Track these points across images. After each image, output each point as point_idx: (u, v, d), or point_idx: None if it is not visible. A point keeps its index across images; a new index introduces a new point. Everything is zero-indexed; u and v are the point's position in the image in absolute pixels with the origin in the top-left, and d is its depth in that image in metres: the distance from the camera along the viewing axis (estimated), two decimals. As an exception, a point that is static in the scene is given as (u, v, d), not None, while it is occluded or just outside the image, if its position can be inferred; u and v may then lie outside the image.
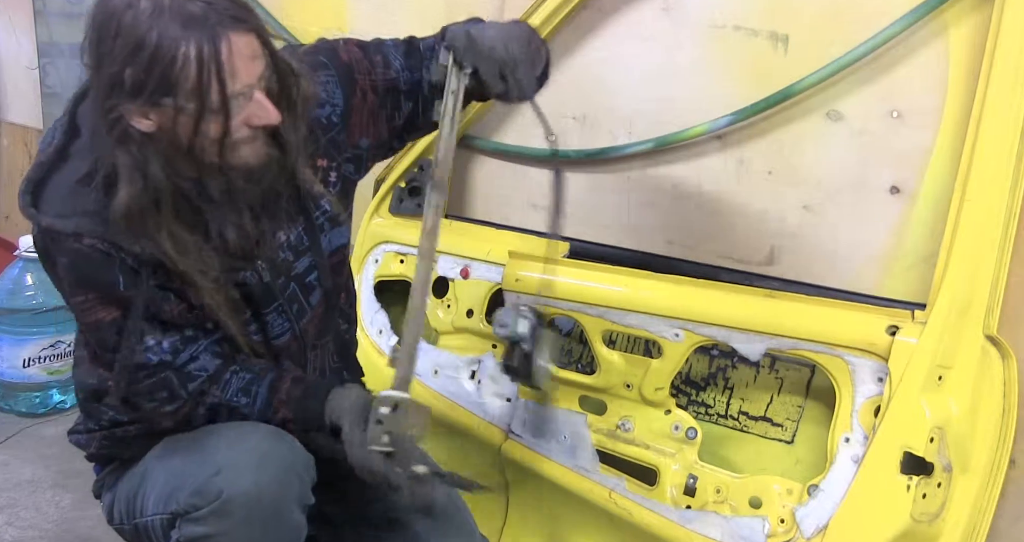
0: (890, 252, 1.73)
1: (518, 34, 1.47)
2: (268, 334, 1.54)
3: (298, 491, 1.43)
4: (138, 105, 1.28)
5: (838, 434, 1.65)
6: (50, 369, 2.94)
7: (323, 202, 1.54)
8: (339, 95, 1.53)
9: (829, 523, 1.61)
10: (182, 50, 1.24)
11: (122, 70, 1.26)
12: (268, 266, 1.50)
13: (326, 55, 1.54)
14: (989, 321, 1.61)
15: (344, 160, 1.57)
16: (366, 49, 1.57)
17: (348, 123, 1.55)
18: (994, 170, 1.56)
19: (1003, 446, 1.63)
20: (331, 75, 1.52)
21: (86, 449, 1.65)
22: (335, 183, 1.56)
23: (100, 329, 1.45)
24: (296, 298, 1.55)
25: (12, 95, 3.83)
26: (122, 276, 1.40)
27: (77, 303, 1.45)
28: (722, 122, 1.86)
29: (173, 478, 1.45)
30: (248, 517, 1.38)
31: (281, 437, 1.46)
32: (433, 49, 1.56)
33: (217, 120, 1.30)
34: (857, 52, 1.70)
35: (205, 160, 1.35)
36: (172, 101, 1.27)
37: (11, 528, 2.31)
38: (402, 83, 1.56)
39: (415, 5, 2.37)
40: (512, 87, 1.45)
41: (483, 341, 2.11)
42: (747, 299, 1.74)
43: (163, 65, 1.24)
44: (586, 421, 1.93)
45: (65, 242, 1.39)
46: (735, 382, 1.91)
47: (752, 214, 1.87)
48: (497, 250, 2.06)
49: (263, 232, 1.47)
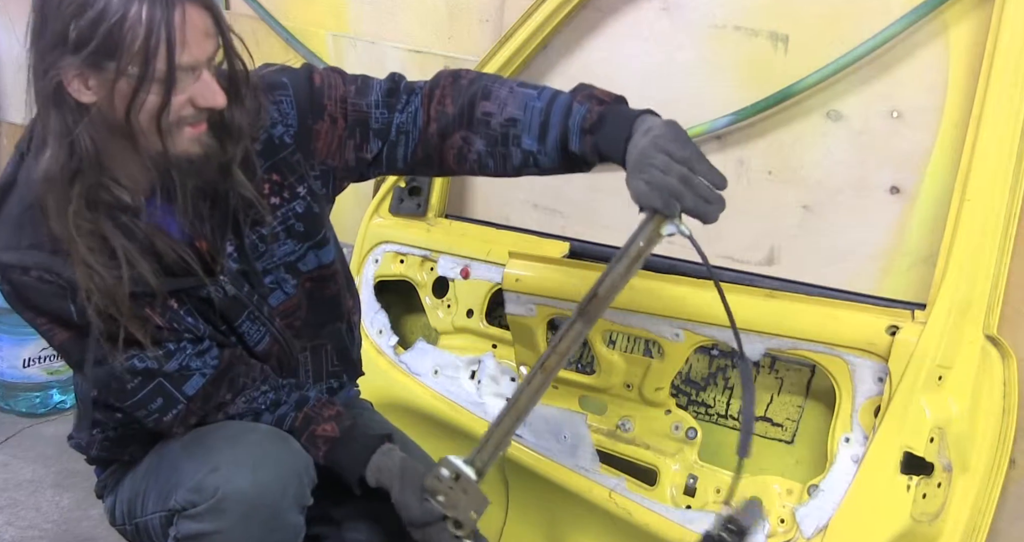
0: (890, 252, 1.73)
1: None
2: (247, 342, 1.53)
3: (296, 491, 1.42)
4: (78, 66, 1.24)
5: (838, 434, 1.65)
6: (50, 369, 2.93)
7: (278, 213, 1.50)
8: (293, 116, 1.48)
9: (829, 523, 1.61)
10: (133, 10, 1.20)
11: (67, 26, 1.22)
12: (230, 278, 1.47)
13: (290, 76, 1.50)
14: (989, 321, 1.61)
15: (311, 176, 1.52)
16: (344, 76, 1.53)
17: (309, 145, 1.50)
18: (994, 170, 1.56)
19: (1003, 446, 1.63)
20: (286, 94, 1.48)
21: (87, 452, 1.65)
22: (302, 197, 1.52)
23: (67, 350, 1.45)
24: (261, 305, 1.52)
25: (12, 95, 3.83)
26: (74, 306, 1.37)
27: (38, 326, 1.43)
28: (722, 122, 1.86)
29: (172, 475, 1.45)
30: (245, 515, 1.37)
31: (281, 437, 1.46)
32: (414, 92, 1.50)
33: (158, 92, 1.25)
34: (857, 52, 1.70)
35: (140, 141, 1.29)
36: (115, 65, 1.23)
37: (11, 528, 2.31)
38: (372, 120, 1.50)
39: (415, 5, 2.37)
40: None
41: (483, 341, 2.11)
42: (747, 299, 1.74)
43: (111, 23, 1.21)
44: (586, 421, 1.93)
45: (12, 274, 1.37)
46: (735, 382, 1.91)
47: (752, 214, 1.87)
48: (497, 250, 2.06)
49: (208, 241, 1.44)
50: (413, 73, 2.33)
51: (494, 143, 1.45)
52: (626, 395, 1.89)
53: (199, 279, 1.43)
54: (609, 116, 1.37)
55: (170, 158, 1.32)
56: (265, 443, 1.43)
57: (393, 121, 1.50)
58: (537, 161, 1.46)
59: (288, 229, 1.52)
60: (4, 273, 1.38)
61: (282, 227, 1.52)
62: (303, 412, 1.53)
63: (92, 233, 1.32)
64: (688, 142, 1.30)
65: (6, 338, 2.91)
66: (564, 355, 1.36)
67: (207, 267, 1.44)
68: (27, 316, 1.43)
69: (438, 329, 2.18)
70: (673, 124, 1.32)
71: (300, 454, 1.46)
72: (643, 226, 1.31)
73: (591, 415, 1.94)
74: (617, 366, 1.89)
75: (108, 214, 1.34)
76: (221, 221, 1.45)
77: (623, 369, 1.89)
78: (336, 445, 1.51)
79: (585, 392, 1.96)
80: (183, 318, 1.45)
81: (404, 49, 2.37)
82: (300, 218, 1.52)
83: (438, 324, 2.18)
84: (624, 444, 1.89)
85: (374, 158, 1.52)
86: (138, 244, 1.36)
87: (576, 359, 2.08)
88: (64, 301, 1.37)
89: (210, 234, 1.44)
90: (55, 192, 1.29)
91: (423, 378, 2.14)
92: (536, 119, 1.42)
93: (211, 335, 1.49)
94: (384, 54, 2.41)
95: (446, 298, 2.16)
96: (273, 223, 1.50)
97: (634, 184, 1.29)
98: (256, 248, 1.49)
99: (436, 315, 2.18)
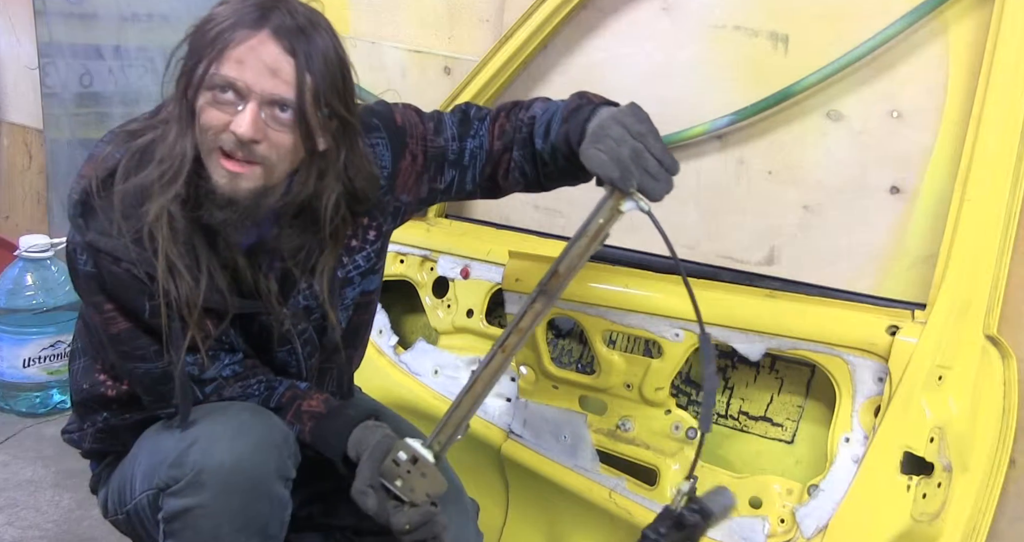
0: (890, 252, 1.73)
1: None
2: (274, 366, 1.56)
3: (276, 463, 1.41)
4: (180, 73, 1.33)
5: (838, 434, 1.65)
6: (50, 369, 2.94)
7: (357, 257, 1.56)
8: (388, 157, 1.54)
9: (829, 523, 1.61)
10: (227, 21, 1.29)
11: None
12: (291, 311, 1.50)
13: (380, 117, 1.55)
14: (989, 321, 1.61)
15: (386, 218, 1.58)
16: (421, 114, 1.60)
17: (394, 183, 1.56)
18: (994, 170, 1.56)
19: (1003, 446, 1.63)
20: (381, 137, 1.54)
21: (80, 446, 1.66)
22: (374, 240, 1.57)
23: (120, 339, 1.45)
24: (311, 341, 1.56)
25: (12, 95, 3.84)
26: (149, 304, 1.40)
27: (102, 311, 1.44)
28: (722, 122, 1.86)
29: (156, 454, 1.45)
30: (225, 487, 1.36)
31: (260, 411, 1.46)
32: (483, 119, 1.58)
33: (193, 95, 1.31)
34: (857, 52, 1.70)
35: (189, 140, 1.33)
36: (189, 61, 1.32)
37: (11, 528, 2.31)
38: (449, 152, 1.58)
39: (415, 5, 2.37)
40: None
41: (483, 341, 2.11)
42: (747, 299, 1.74)
43: (205, 23, 1.32)
44: (586, 421, 1.93)
45: (103, 260, 1.39)
46: (735, 382, 1.91)
47: (752, 214, 1.87)
48: (497, 250, 2.06)
49: (285, 274, 1.47)
50: (413, 73, 2.36)
51: (522, 147, 1.54)
52: (626, 395, 1.89)
53: (267, 307, 1.47)
54: (584, 105, 1.43)
55: (213, 193, 1.34)
56: (243, 415, 1.42)
57: (466, 148, 1.58)
58: (544, 161, 1.49)
59: (362, 273, 1.57)
60: (96, 258, 1.39)
61: (357, 271, 1.56)
62: (291, 391, 1.54)
63: (185, 241, 1.37)
64: (647, 120, 1.33)
65: (6, 338, 2.92)
66: (524, 333, 1.37)
67: (278, 298, 1.48)
68: (94, 299, 1.44)
69: (438, 329, 2.19)
70: (635, 105, 1.35)
71: (279, 427, 1.45)
72: (602, 203, 1.32)
73: (591, 415, 1.94)
74: (617, 366, 1.89)
75: (202, 225, 1.37)
76: (305, 256, 1.48)
77: (623, 369, 1.89)
78: (322, 421, 1.50)
79: (585, 392, 1.96)
80: (233, 336, 1.49)
81: (404, 49, 2.37)
82: (375, 258, 1.58)
83: (438, 324, 2.18)
84: (624, 444, 1.89)
85: (446, 187, 1.59)
86: (220, 259, 1.41)
87: (576, 359, 2.08)
88: (142, 297, 1.39)
89: (289, 263, 1.47)
90: (159, 193, 1.34)
91: (423, 378, 2.14)
92: (547, 118, 1.48)
93: (244, 351, 1.53)
94: (384, 54, 2.41)
95: (446, 298, 2.17)
96: (349, 267, 1.55)
97: (590, 153, 1.31)
98: (333, 291, 1.53)
99: (436, 315, 2.18)
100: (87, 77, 3.19)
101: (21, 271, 2.95)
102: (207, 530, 1.37)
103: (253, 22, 1.29)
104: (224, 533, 1.37)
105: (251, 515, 1.39)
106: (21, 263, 2.95)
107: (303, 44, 1.30)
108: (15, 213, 3.83)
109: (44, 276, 2.95)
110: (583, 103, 1.46)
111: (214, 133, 1.31)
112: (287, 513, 1.45)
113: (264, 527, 1.41)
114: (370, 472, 1.39)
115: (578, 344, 2.09)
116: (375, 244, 1.58)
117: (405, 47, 2.38)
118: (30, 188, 3.72)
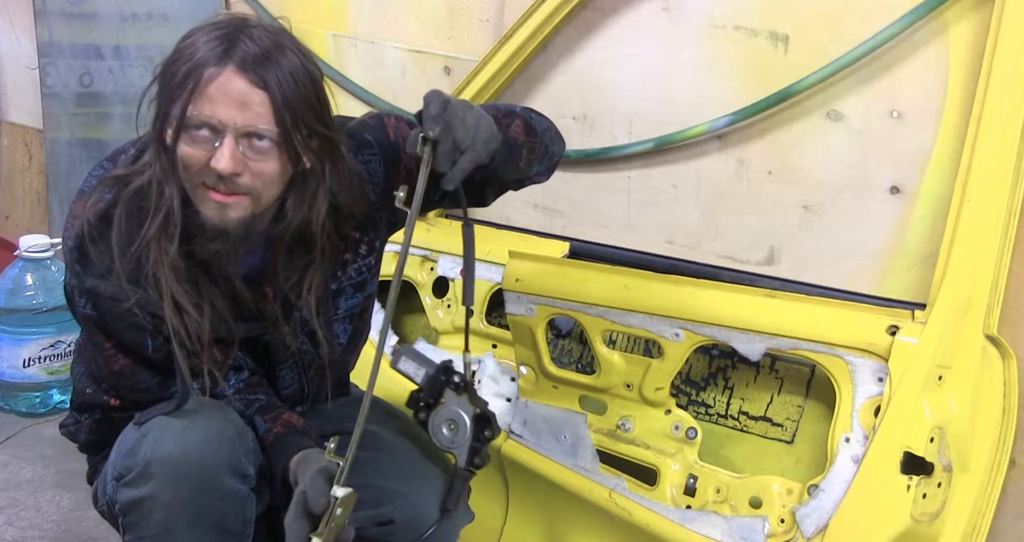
0: (890, 252, 1.73)
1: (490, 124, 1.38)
2: (277, 387, 1.58)
3: (229, 457, 1.39)
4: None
5: (838, 434, 1.65)
6: (50, 369, 2.93)
7: (350, 270, 1.56)
8: (381, 173, 1.54)
9: (829, 523, 1.61)
10: (194, 57, 1.29)
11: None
12: (292, 328, 1.52)
13: (373, 133, 1.55)
14: (989, 321, 1.61)
15: (379, 233, 1.59)
16: (413, 127, 1.57)
17: (387, 198, 1.54)
18: (994, 170, 1.56)
19: (1003, 446, 1.64)
20: (375, 153, 1.54)
21: (76, 438, 1.66)
22: (365, 255, 1.58)
23: (124, 374, 1.48)
24: (309, 353, 1.57)
25: (12, 95, 3.83)
26: (152, 342, 1.43)
27: (102, 349, 1.47)
28: (722, 122, 1.86)
29: (119, 445, 1.45)
30: (173, 479, 1.36)
31: (219, 406, 1.46)
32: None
33: (172, 136, 1.32)
34: (857, 52, 1.70)
35: (172, 183, 1.35)
36: (160, 100, 1.33)
37: (11, 528, 2.31)
38: None
39: (415, 5, 2.37)
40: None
41: (483, 341, 2.11)
42: (747, 299, 1.74)
43: (172, 60, 1.32)
44: (586, 421, 1.93)
45: (103, 303, 1.41)
46: (735, 382, 1.91)
47: (752, 214, 1.87)
48: (497, 250, 2.06)
49: (282, 292, 1.48)
50: (413, 73, 2.36)
51: None
52: (626, 395, 1.89)
53: (268, 327, 1.50)
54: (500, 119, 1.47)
55: (194, 217, 1.36)
56: (200, 409, 1.42)
57: None
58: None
59: (356, 285, 1.58)
60: (95, 300, 1.41)
61: (350, 283, 1.57)
62: (273, 400, 1.55)
63: (187, 279, 1.39)
64: (472, 107, 1.35)
65: (6, 338, 2.91)
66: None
67: (281, 317, 1.50)
68: (95, 338, 1.47)
69: (438, 329, 2.18)
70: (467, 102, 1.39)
71: (235, 421, 1.44)
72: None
73: (591, 415, 1.94)
74: (617, 366, 1.89)
75: (199, 260, 1.39)
76: (298, 278, 1.49)
77: (623, 369, 1.89)
78: (292, 433, 1.49)
79: (585, 392, 1.96)
80: (240, 356, 1.51)
81: (404, 49, 2.37)
82: (368, 271, 1.59)
83: (438, 324, 2.18)
84: (624, 444, 1.89)
85: (439, 198, 1.57)
86: (220, 289, 1.43)
87: (576, 359, 2.08)
88: (144, 334, 1.42)
89: (284, 286, 1.49)
90: (155, 237, 1.36)
91: (423, 378, 2.13)
92: None
93: (251, 368, 1.55)
94: (384, 54, 2.41)
95: (446, 298, 2.17)
96: (343, 280, 1.56)
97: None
98: (325, 303, 1.54)
99: (436, 315, 2.18)
100: (87, 77, 3.18)
101: (21, 271, 2.94)
102: (158, 522, 1.37)
103: (218, 58, 1.29)
104: (176, 526, 1.37)
105: (202, 508, 1.38)
106: (21, 263, 2.95)
107: (272, 70, 1.31)
108: (15, 213, 3.83)
109: (44, 276, 2.94)
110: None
111: (196, 171, 1.33)
112: (248, 509, 1.44)
113: (220, 521, 1.40)
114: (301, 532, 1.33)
115: (578, 344, 2.09)
116: (367, 258, 1.59)
117: (405, 47, 2.38)
118: (30, 188, 3.71)
